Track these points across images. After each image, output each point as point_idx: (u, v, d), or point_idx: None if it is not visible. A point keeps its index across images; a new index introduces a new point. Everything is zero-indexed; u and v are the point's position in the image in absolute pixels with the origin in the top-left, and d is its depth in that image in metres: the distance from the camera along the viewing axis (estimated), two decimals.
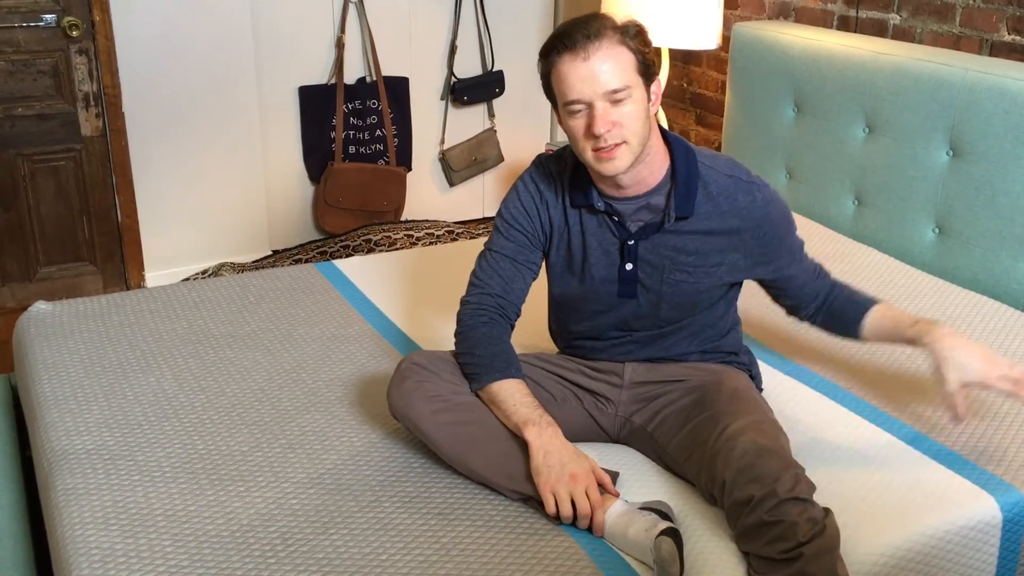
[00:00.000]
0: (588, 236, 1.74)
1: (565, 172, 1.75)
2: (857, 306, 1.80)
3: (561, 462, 1.56)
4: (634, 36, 1.61)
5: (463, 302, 1.79)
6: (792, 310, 1.87)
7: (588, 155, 1.61)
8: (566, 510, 1.53)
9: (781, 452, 1.53)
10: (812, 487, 1.47)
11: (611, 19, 1.61)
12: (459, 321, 1.78)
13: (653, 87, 1.65)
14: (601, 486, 1.58)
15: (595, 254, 1.74)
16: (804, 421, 1.85)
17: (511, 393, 1.66)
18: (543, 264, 1.83)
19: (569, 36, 1.58)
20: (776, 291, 1.85)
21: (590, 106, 1.58)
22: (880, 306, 1.79)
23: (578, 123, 1.60)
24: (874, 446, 1.78)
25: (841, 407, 1.91)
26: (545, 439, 1.59)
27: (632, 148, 1.60)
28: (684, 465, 1.65)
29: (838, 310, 1.81)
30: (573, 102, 1.59)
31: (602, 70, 1.56)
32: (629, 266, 1.73)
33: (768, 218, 1.72)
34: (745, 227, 1.71)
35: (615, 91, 1.57)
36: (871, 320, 1.78)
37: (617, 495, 1.59)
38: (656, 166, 1.68)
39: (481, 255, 1.81)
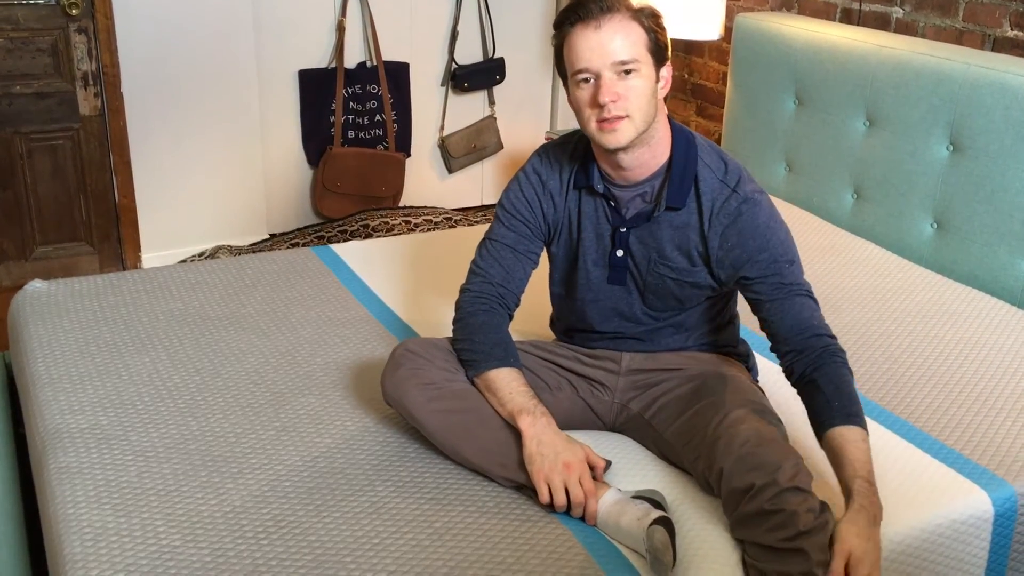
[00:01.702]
0: (584, 219, 1.74)
1: (574, 155, 1.75)
2: (829, 416, 1.55)
3: (555, 451, 1.56)
4: (648, 16, 1.62)
5: (463, 290, 1.79)
6: (781, 362, 1.69)
7: (592, 126, 1.61)
8: (560, 499, 1.54)
9: (781, 441, 1.53)
10: (811, 477, 1.47)
11: (627, 0, 1.62)
12: (458, 308, 1.78)
13: (663, 71, 1.65)
14: (593, 470, 1.59)
15: (588, 237, 1.74)
16: (798, 413, 1.85)
17: (507, 382, 1.66)
18: (543, 254, 1.83)
19: (583, 7, 1.59)
20: (758, 317, 1.71)
21: (597, 76, 1.58)
22: (852, 430, 1.52)
23: (584, 93, 1.61)
24: None
25: None
26: (539, 428, 1.59)
27: (635, 124, 1.60)
28: (681, 452, 1.65)
29: (812, 400, 1.60)
30: (581, 71, 1.59)
31: (612, 40, 1.57)
32: (620, 253, 1.73)
33: (735, 226, 1.66)
34: (713, 231, 1.67)
35: (623, 62, 1.57)
36: (832, 436, 1.54)
37: (600, 463, 1.59)
38: (659, 152, 1.68)
39: (481, 244, 1.81)
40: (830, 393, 1.57)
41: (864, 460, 1.50)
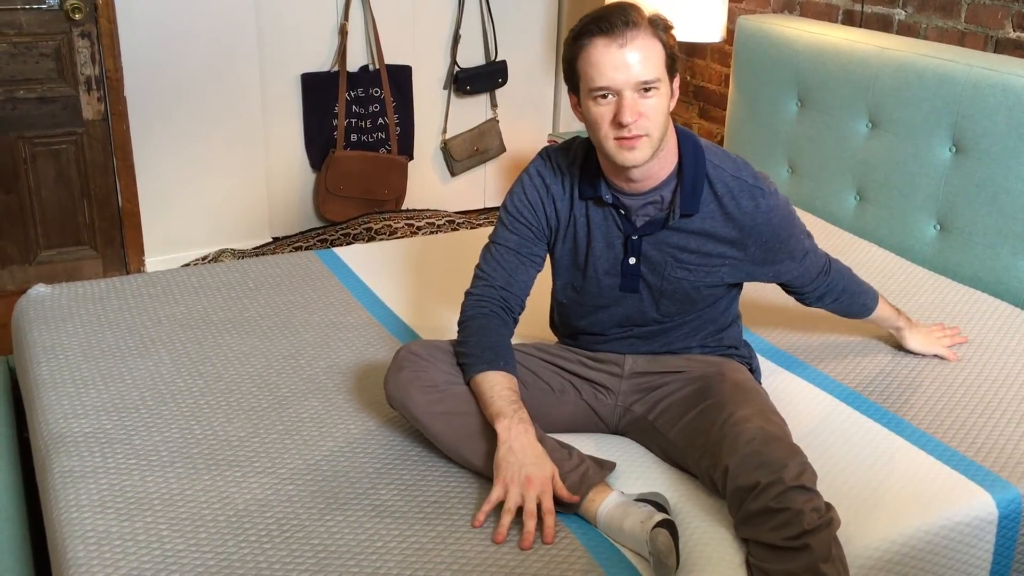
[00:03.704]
0: (593, 229, 1.74)
1: (574, 164, 1.74)
2: (864, 308, 2.00)
3: (521, 461, 1.54)
4: (664, 30, 1.61)
5: (467, 294, 1.79)
6: (796, 298, 1.93)
7: (610, 143, 1.60)
8: (510, 503, 1.51)
9: (787, 440, 1.53)
10: (816, 476, 1.47)
11: (643, 10, 1.60)
12: (461, 312, 1.78)
13: (674, 83, 1.64)
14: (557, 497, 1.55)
15: (599, 247, 1.74)
16: (802, 415, 1.85)
17: (492, 385, 1.64)
18: (547, 258, 1.82)
19: (607, 20, 1.56)
20: (780, 285, 1.88)
21: (618, 95, 1.57)
22: (880, 306, 2.01)
23: (603, 110, 1.59)
24: (871, 441, 1.78)
25: (839, 401, 1.91)
26: (513, 434, 1.57)
27: (652, 142, 1.59)
28: (685, 452, 1.65)
29: (849, 310, 1.99)
30: (602, 88, 1.57)
31: (636, 60, 1.55)
32: (632, 260, 1.73)
33: (769, 224, 1.71)
34: (747, 232, 1.71)
35: (646, 82, 1.56)
36: (872, 319, 2.04)
37: (573, 498, 1.55)
38: (667, 161, 1.67)
39: (485, 248, 1.81)
40: (861, 303, 1.98)
41: (891, 317, 2.06)
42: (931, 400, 1.93)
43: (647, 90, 1.57)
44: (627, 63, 1.55)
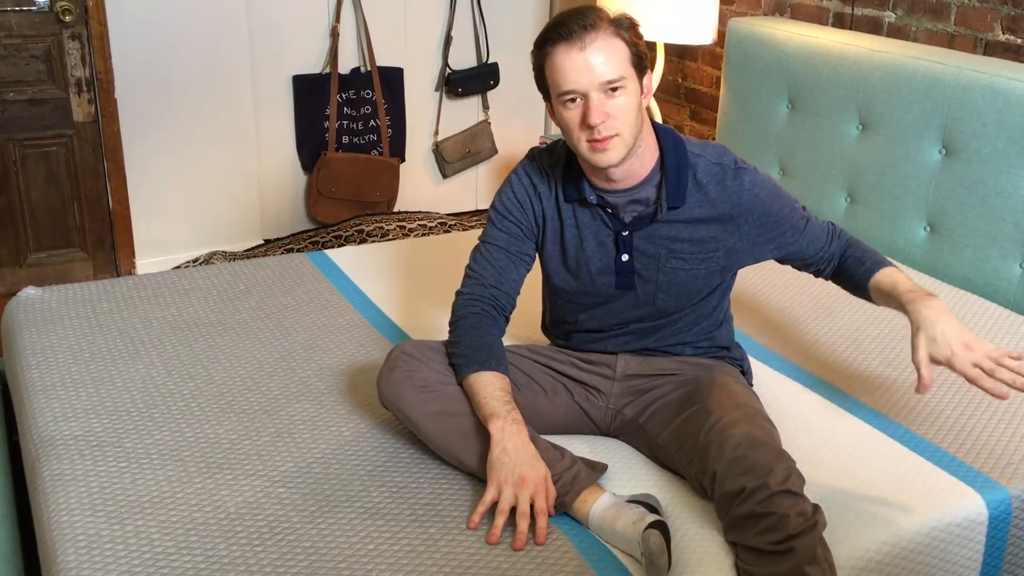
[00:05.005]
0: (583, 229, 1.74)
1: (557, 166, 1.76)
2: (865, 271, 1.78)
3: (515, 462, 1.54)
4: (627, 28, 1.62)
5: (458, 293, 1.80)
6: (813, 272, 1.87)
7: (583, 146, 1.62)
8: (504, 504, 1.51)
9: (774, 444, 1.53)
10: (803, 480, 1.48)
11: (605, 11, 1.62)
12: (452, 312, 1.78)
13: (645, 80, 1.66)
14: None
15: (590, 247, 1.75)
16: (793, 416, 1.86)
17: (485, 386, 1.65)
18: (536, 256, 1.83)
19: (565, 26, 1.58)
20: (791, 262, 1.85)
21: (585, 97, 1.59)
22: (885, 270, 1.76)
23: (572, 114, 1.61)
24: (862, 442, 1.79)
25: (830, 403, 1.92)
26: (507, 435, 1.57)
27: (625, 140, 1.61)
28: (675, 456, 1.65)
29: (847, 272, 1.82)
30: (568, 92, 1.59)
31: (598, 61, 1.57)
32: (625, 257, 1.74)
33: (757, 200, 1.72)
34: (736, 212, 1.72)
35: (610, 82, 1.58)
36: (874, 284, 1.76)
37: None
38: (647, 158, 1.69)
39: (475, 248, 1.82)
40: (861, 257, 1.80)
41: (906, 279, 1.73)
42: (921, 401, 1.94)
43: (614, 89, 1.58)
44: (589, 65, 1.57)
